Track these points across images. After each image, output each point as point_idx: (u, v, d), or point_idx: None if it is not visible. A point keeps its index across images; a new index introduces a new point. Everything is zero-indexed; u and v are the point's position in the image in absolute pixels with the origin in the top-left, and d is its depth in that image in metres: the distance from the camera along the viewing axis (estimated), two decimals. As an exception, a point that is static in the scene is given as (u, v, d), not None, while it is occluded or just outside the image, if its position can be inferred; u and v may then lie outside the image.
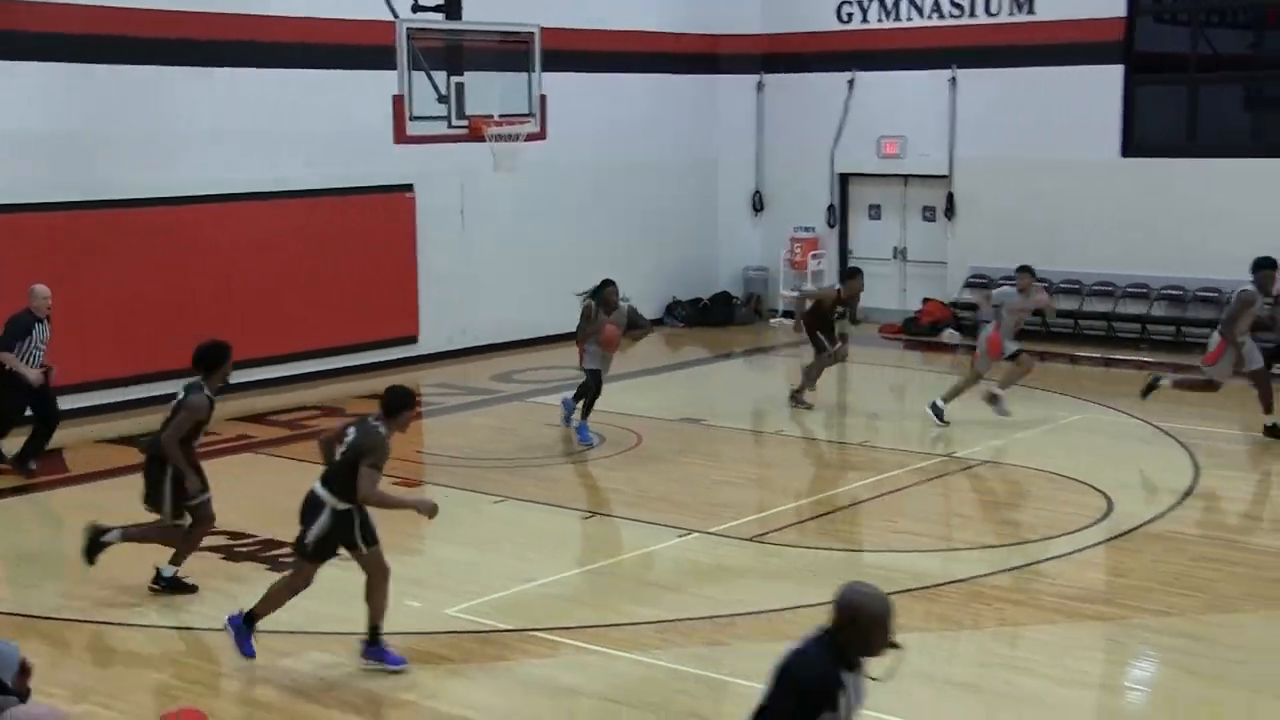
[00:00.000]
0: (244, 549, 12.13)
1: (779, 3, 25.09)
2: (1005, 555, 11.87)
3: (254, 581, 11.20)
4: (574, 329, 16.13)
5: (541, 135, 17.74)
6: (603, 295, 15.69)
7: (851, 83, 24.33)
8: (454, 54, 16.94)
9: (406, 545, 12.82)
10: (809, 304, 18.03)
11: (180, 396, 10.65)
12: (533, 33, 17.49)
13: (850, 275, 18.31)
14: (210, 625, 10.20)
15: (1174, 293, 21.87)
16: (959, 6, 23.44)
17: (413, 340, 20.80)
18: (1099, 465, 14.64)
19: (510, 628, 10.21)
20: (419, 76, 16.31)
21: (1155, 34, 22.35)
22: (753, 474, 15.47)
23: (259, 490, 14.11)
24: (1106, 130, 22.24)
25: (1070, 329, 22.12)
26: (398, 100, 16.09)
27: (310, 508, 9.30)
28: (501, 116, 17.09)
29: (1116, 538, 12.48)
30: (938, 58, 23.45)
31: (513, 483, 14.04)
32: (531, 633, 10.12)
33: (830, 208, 25.05)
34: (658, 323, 24.34)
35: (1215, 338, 16.02)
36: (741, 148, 25.48)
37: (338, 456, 9.35)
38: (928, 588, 11.02)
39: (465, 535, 11.56)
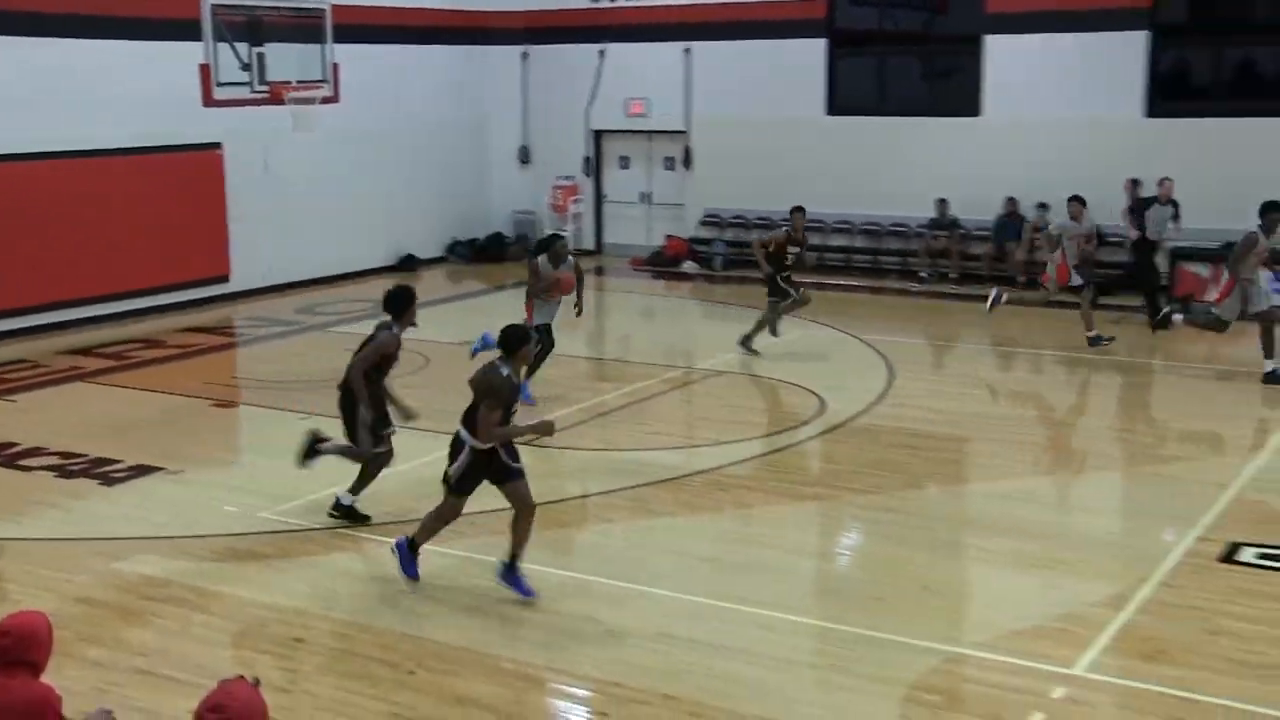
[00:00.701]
0: (76, 467, 11.73)
1: (541, -17, 25.05)
2: (740, 449, 12.12)
3: (89, 497, 10.92)
4: (367, 266, 15.72)
5: (335, 99, 17.48)
6: (554, 249, 14.04)
7: (602, 53, 24.36)
8: (255, 27, 16.49)
9: (225, 458, 12.64)
10: (765, 251, 16.02)
11: (371, 334, 10.02)
12: (324, 9, 17.22)
13: (795, 211, 16.17)
14: (39, 536, 9.94)
15: (871, 227, 22.53)
16: (692, -13, 23.72)
17: (225, 279, 20.28)
18: (814, 373, 15.02)
19: (319, 527, 10.12)
20: (224, 47, 15.90)
21: (852, 13, 22.90)
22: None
23: (89, 415, 13.70)
24: (814, 93, 22.74)
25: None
26: (204, 68, 15.71)
27: (455, 445, 8.57)
28: (299, 83, 16.80)
29: (829, 431, 12.86)
30: (675, 32, 23.66)
31: (318, 401, 13.84)
32: (338, 530, 10.05)
33: (586, 159, 25.09)
34: (440, 260, 24.25)
35: (1225, 277, 14.96)
36: (510, 109, 25.33)
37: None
38: (675, 479, 11.23)
39: (277, 448, 11.39)
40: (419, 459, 10.73)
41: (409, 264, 23.16)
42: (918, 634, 8.13)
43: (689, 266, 23.15)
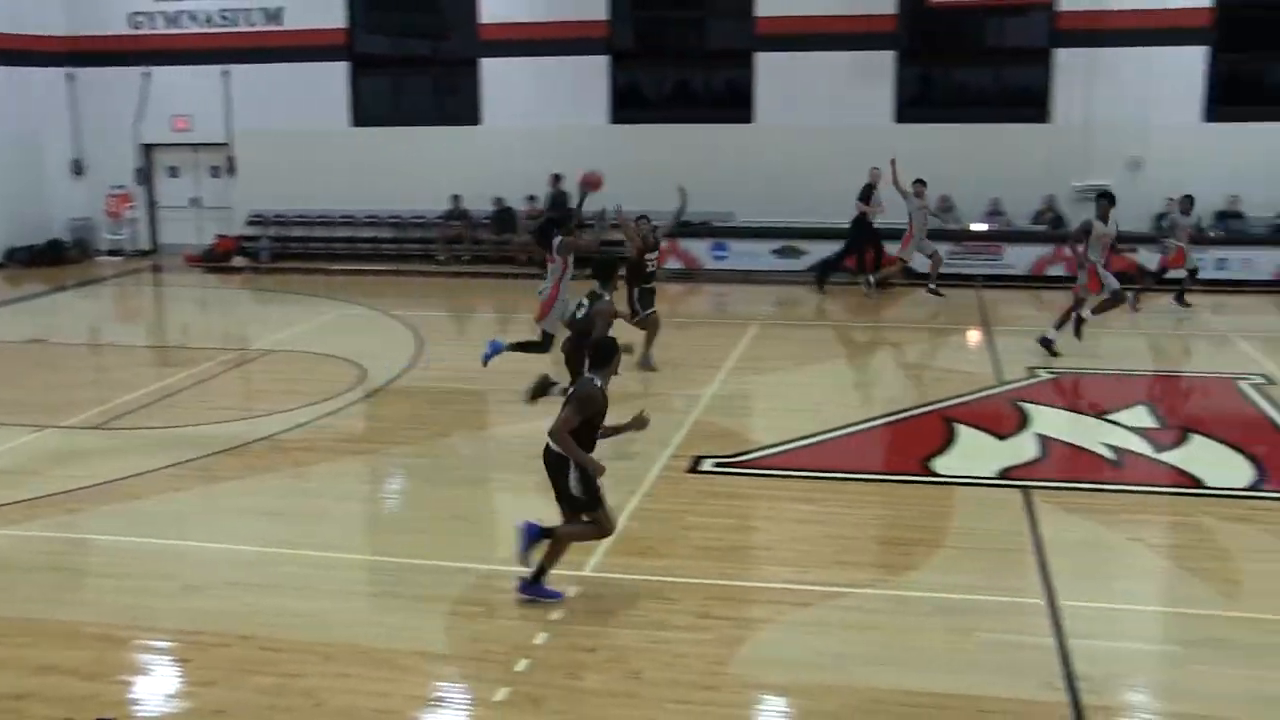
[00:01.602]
0: None
1: (80, 10, 22.96)
2: (295, 415, 11.67)
3: None
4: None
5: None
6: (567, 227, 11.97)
7: (147, 75, 22.76)
8: None
9: None
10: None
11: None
12: None
13: (640, 219, 13.58)
14: None
15: (395, 220, 22.26)
16: (227, 18, 22.46)
17: None
18: (354, 347, 14.70)
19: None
20: None
21: (370, 40, 22.52)
22: (91, 377, 14.26)
23: None
24: (339, 108, 22.23)
25: (323, 249, 22.10)
26: None
27: (556, 464, 7.24)
28: None
29: (371, 395, 12.63)
30: (214, 56, 22.43)
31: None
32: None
33: (138, 170, 23.37)
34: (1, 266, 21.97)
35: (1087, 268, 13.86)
36: (59, 125, 23.16)
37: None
38: (239, 446, 10.68)
39: None
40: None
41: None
42: (455, 557, 8.13)
43: (238, 261, 22.18)
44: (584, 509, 7.32)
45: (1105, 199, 13.74)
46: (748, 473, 9.92)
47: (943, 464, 10.06)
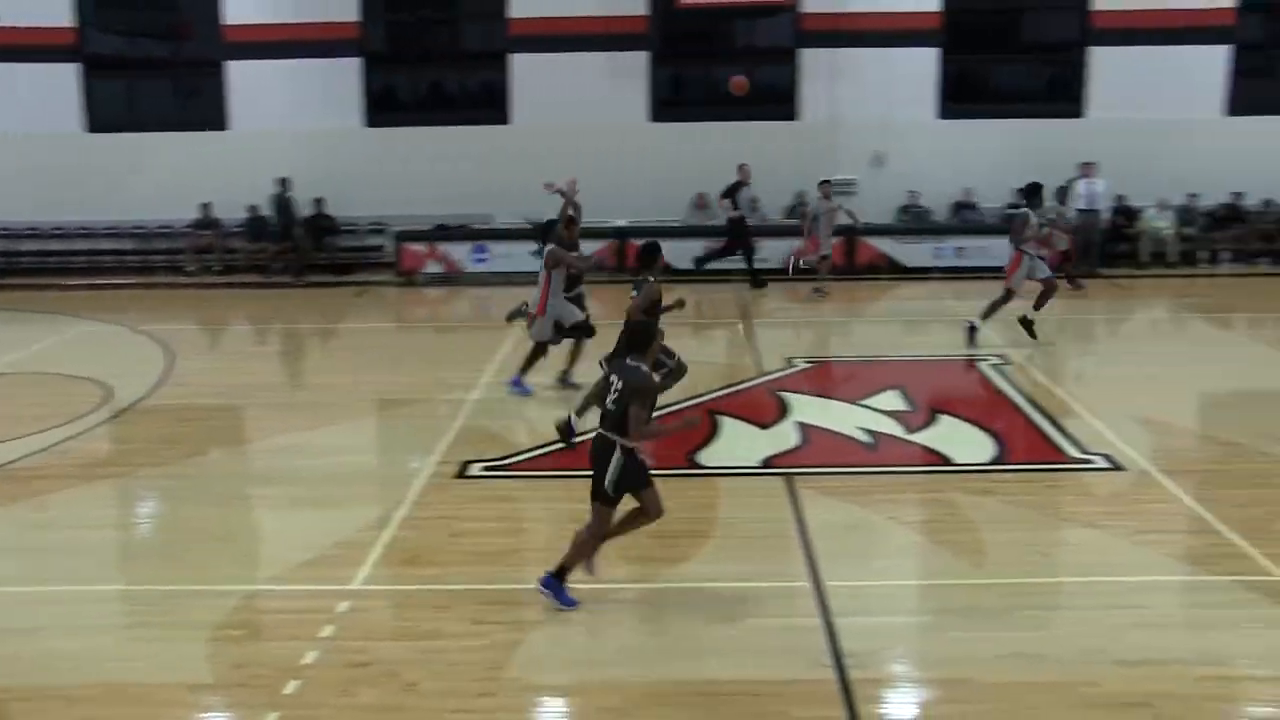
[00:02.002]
0: None
1: None
2: (30, 443, 10.91)
3: None
4: None
5: None
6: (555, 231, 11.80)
7: None
8: None
9: None
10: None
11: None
12: None
13: (570, 223, 12.64)
14: None
15: (139, 230, 21.16)
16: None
17: None
18: (98, 365, 13.92)
19: None
20: None
21: (102, 40, 21.37)
22: None
23: None
24: (71, 113, 21.00)
25: (60, 264, 20.87)
26: None
27: (602, 452, 7.08)
28: None
29: (117, 415, 11.97)
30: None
31: None
32: None
33: None
34: None
35: (1011, 254, 14.11)
36: None
37: (609, 405, 7.16)
38: (-32, 477, 9.96)
39: None
40: None
41: None
42: (215, 580, 7.79)
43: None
44: (604, 502, 7.20)
45: (1036, 191, 14.18)
46: (517, 475, 9.89)
47: (708, 456, 10.28)
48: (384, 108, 21.20)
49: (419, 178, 20.10)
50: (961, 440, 10.62)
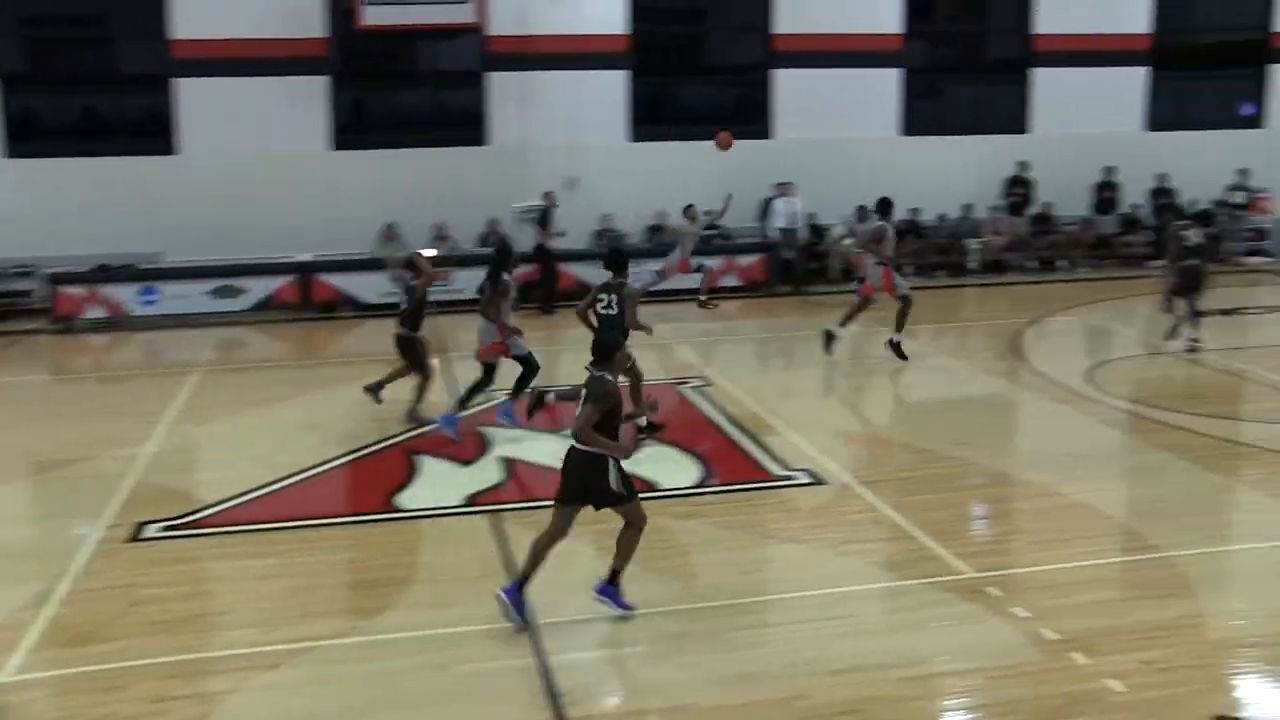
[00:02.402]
0: None
1: None
2: None
3: None
4: None
5: None
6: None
7: None
8: None
9: None
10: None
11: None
12: None
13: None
14: None
15: None
16: None
17: None
18: None
19: None
20: None
21: None
22: None
23: None
24: None
25: None
26: None
27: (593, 465, 7.37)
28: None
29: None
30: None
31: None
32: None
33: None
34: None
35: (879, 268, 14.62)
36: None
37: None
38: None
39: None
40: None
41: None
42: None
43: None
44: (624, 502, 7.55)
45: (887, 206, 14.89)
46: (199, 533, 9.42)
47: (409, 498, 10.13)
48: (26, 136, 19.82)
49: (73, 214, 18.90)
50: (667, 464, 10.88)
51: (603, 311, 11.41)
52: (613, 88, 21.05)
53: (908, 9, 22.00)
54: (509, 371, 12.20)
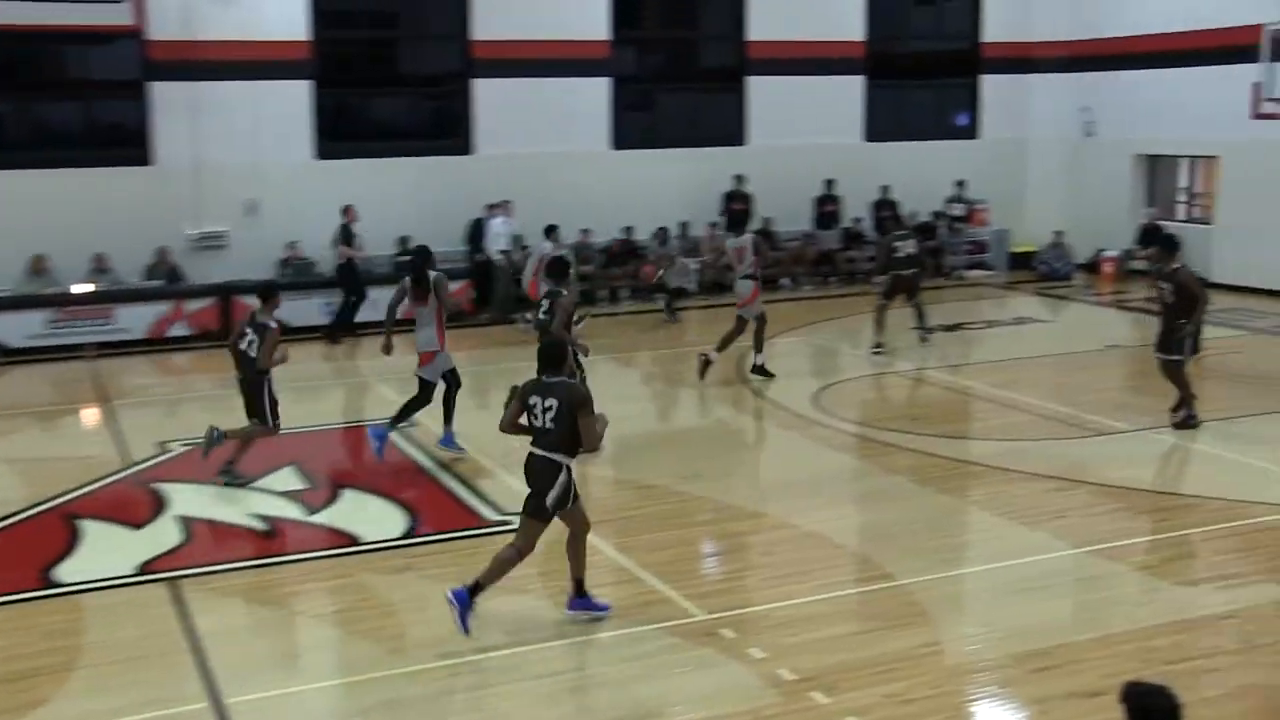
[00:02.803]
0: None
1: None
2: None
3: None
4: None
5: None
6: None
7: None
8: None
9: None
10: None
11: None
12: None
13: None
14: None
15: None
16: None
17: None
18: None
19: None
20: None
21: None
22: None
23: None
24: None
25: None
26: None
27: (546, 472, 8.04)
28: None
29: None
30: None
31: None
32: None
33: None
34: None
35: (749, 284, 15.31)
36: None
37: (547, 424, 8.04)
38: None
39: None
40: None
41: None
42: None
43: None
44: (546, 518, 8.19)
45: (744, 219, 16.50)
46: None
47: (69, 570, 9.59)
48: None
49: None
50: (370, 515, 10.73)
51: (543, 316, 12.35)
52: (295, 100, 20.60)
53: (615, 15, 22.51)
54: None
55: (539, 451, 8.10)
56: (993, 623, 8.45)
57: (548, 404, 8.04)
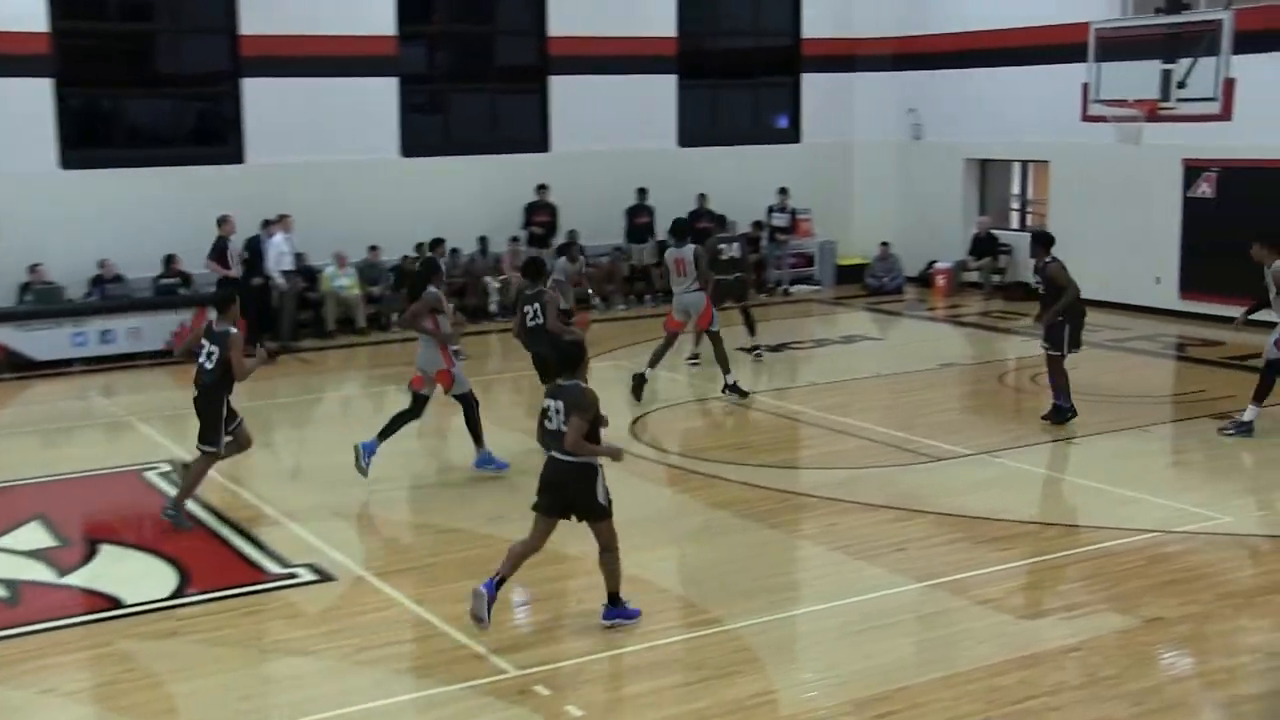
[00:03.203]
0: None
1: None
2: None
3: None
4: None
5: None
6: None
7: None
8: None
9: None
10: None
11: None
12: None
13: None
14: None
15: None
16: None
17: None
18: None
19: None
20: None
21: None
22: None
23: None
24: None
25: None
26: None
27: (580, 479, 8.71)
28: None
29: None
30: None
31: None
32: None
33: None
34: None
35: (699, 297, 16.22)
36: None
37: (560, 427, 8.68)
38: None
39: None
40: None
41: None
42: None
43: None
44: (605, 517, 8.81)
45: (687, 230, 16.88)
46: None
47: None
48: None
49: None
50: (132, 574, 10.43)
51: (531, 324, 13.29)
52: (33, 101, 19.87)
53: (401, 7, 22.36)
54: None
55: (562, 457, 8.73)
56: (831, 667, 8.59)
57: (558, 406, 8.73)
